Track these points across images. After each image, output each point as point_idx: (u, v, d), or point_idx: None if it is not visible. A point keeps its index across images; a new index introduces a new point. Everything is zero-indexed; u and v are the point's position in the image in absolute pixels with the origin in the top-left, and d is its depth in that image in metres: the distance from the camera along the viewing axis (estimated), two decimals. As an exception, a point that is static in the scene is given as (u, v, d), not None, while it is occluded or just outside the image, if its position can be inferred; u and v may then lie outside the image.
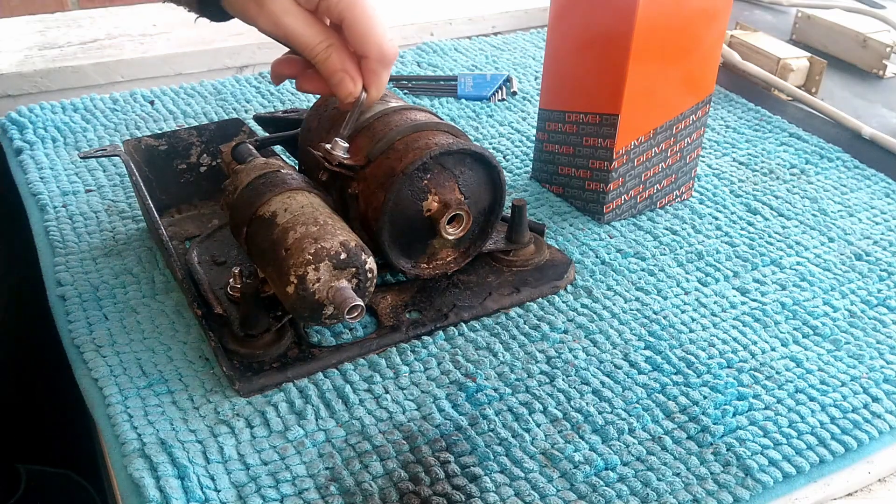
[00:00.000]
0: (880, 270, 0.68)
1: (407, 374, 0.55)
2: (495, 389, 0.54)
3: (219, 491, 0.47)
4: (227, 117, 0.87)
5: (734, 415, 0.53)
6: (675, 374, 0.56)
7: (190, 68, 1.00)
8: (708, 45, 0.70)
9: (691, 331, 0.60)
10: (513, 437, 0.51)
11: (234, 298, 0.58)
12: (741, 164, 0.84)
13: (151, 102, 0.90)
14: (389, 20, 1.10)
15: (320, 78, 0.56)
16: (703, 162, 0.83)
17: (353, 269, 0.52)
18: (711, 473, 0.49)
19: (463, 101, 0.95)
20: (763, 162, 0.84)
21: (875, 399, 0.55)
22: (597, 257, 0.68)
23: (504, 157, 0.83)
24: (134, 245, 0.67)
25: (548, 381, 0.55)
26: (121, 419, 0.51)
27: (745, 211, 0.76)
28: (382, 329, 0.58)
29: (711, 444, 0.51)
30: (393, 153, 0.57)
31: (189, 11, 0.57)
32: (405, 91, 0.96)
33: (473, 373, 0.56)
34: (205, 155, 0.71)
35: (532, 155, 0.80)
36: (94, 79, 0.96)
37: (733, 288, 0.65)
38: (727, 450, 0.50)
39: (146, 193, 0.63)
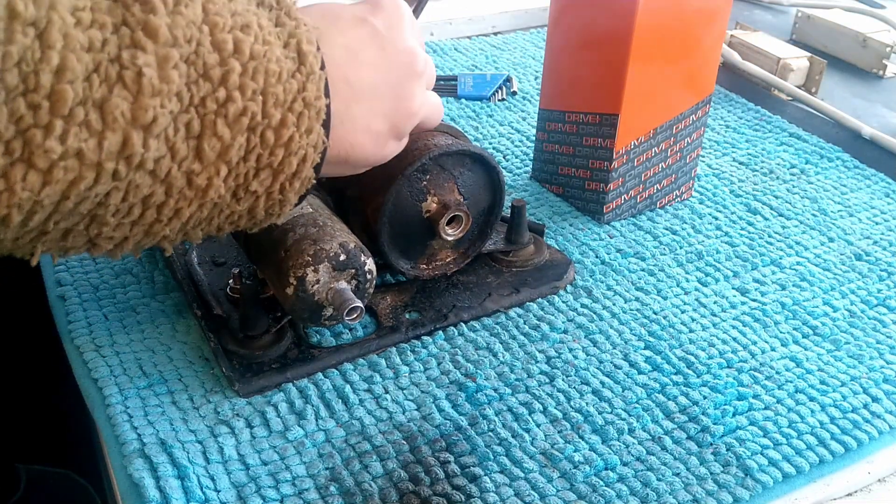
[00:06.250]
0: (880, 270, 0.68)
1: (407, 375, 0.55)
2: (495, 389, 0.54)
3: (219, 491, 0.47)
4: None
5: (734, 415, 0.53)
6: (675, 374, 0.56)
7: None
8: (708, 45, 0.70)
9: (691, 331, 0.60)
10: (513, 437, 0.51)
11: (234, 299, 0.58)
12: (741, 164, 0.84)
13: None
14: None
15: None
16: (703, 162, 0.83)
17: (353, 271, 0.52)
18: (711, 473, 0.49)
19: (463, 100, 0.95)
20: (763, 162, 0.84)
21: (875, 399, 0.55)
22: (597, 257, 0.68)
23: (504, 157, 0.83)
24: (134, 245, 0.67)
25: (548, 381, 0.55)
26: (121, 419, 0.51)
27: (745, 211, 0.76)
28: (382, 329, 0.58)
29: (711, 444, 0.51)
30: (392, 153, 0.57)
31: None
32: (405, 91, 0.96)
33: (473, 373, 0.56)
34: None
35: (532, 155, 0.80)
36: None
37: (733, 288, 0.65)
38: (727, 450, 0.50)
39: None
